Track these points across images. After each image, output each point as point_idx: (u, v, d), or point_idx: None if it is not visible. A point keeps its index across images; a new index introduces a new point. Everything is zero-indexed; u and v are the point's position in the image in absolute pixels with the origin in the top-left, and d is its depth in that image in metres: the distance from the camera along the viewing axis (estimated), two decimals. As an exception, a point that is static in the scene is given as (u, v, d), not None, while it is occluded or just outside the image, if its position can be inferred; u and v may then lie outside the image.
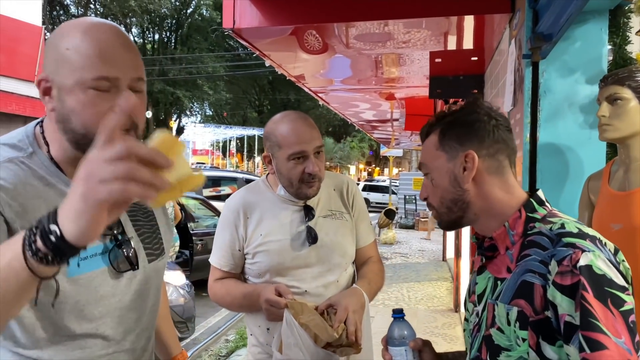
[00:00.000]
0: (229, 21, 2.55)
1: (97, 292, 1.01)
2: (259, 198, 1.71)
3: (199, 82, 26.38)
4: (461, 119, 1.06)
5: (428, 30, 3.03)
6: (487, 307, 1.02)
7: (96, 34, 0.94)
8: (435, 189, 1.08)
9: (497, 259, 1.04)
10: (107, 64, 0.93)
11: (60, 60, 0.94)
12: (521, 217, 1.02)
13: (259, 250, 1.65)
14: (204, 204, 7.63)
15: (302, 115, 1.67)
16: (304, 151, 1.59)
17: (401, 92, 5.26)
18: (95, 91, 0.93)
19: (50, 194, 0.97)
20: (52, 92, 0.96)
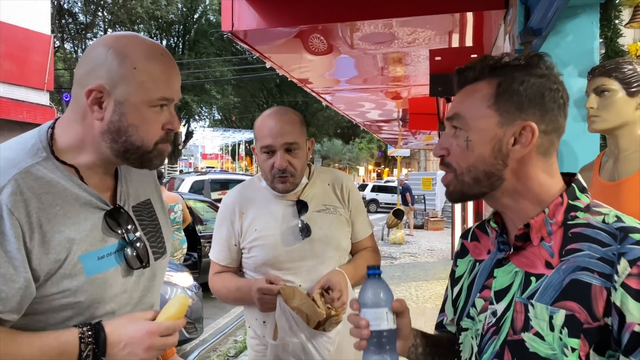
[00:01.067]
0: (228, 24, 2.60)
1: (112, 289, 1.06)
2: (254, 194, 1.75)
3: (207, 86, 26.55)
4: (529, 80, 0.87)
5: (430, 30, 3.06)
6: (514, 307, 0.87)
7: (159, 56, 1.06)
8: (467, 153, 0.89)
9: (528, 250, 0.89)
10: (169, 86, 1.07)
11: (126, 77, 1.02)
12: (562, 204, 0.88)
13: (254, 245, 1.69)
14: (212, 207, 7.69)
15: (283, 110, 1.69)
16: (270, 145, 1.62)
17: (406, 91, 5.29)
18: (155, 109, 1.05)
19: (66, 199, 1.02)
20: (104, 104, 1.02)
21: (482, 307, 0.94)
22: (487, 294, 0.94)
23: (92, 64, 1.03)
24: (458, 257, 1.10)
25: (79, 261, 1.01)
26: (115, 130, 1.03)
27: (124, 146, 1.05)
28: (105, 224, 1.07)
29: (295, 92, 29.33)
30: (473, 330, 0.96)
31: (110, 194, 1.13)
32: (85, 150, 1.06)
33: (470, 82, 0.91)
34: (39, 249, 0.97)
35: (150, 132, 1.06)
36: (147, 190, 1.24)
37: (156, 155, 1.08)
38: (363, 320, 0.94)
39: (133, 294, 1.12)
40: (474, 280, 1.00)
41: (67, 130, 1.07)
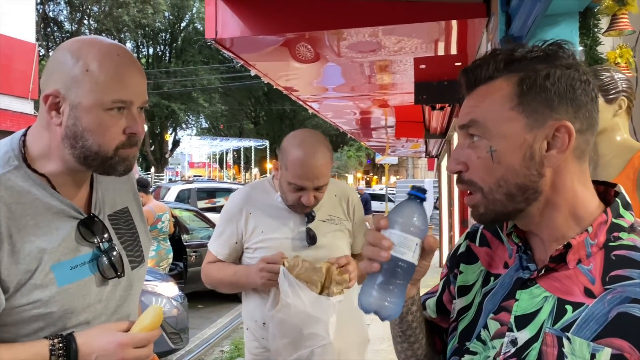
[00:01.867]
0: (212, 31, 2.59)
1: (85, 299, 1.04)
2: (263, 197, 1.80)
3: (194, 94, 26.49)
4: (555, 72, 0.74)
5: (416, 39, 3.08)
6: (543, 339, 0.74)
7: (114, 57, 1.02)
8: (493, 165, 0.76)
9: (561, 273, 0.76)
10: (125, 88, 1.02)
11: (78, 80, 0.99)
12: (607, 223, 0.76)
13: (259, 246, 1.73)
14: (198, 216, 7.63)
15: (319, 148, 1.67)
16: (304, 186, 1.65)
17: (394, 99, 5.32)
18: (111, 112, 1.01)
19: (37, 209, 1.00)
20: (61, 108, 1.00)
21: (497, 332, 0.81)
22: (504, 317, 0.80)
23: (50, 69, 1.03)
24: (463, 261, 0.94)
25: (51, 271, 0.99)
26: (72, 135, 1.01)
27: (83, 152, 1.02)
28: (79, 233, 1.05)
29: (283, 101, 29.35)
30: (482, 356, 0.82)
31: (85, 202, 1.11)
32: (52, 158, 1.04)
33: (483, 82, 0.78)
34: (9, 259, 0.95)
35: (107, 137, 1.02)
36: (124, 199, 1.22)
37: (118, 162, 1.05)
38: (387, 241, 0.77)
39: (109, 304, 1.10)
40: (487, 296, 0.86)
41: (37, 138, 1.05)
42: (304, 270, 1.62)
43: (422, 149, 10.14)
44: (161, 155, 28.02)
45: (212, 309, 7.10)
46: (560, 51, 0.76)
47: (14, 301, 0.96)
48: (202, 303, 7.14)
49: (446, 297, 1.00)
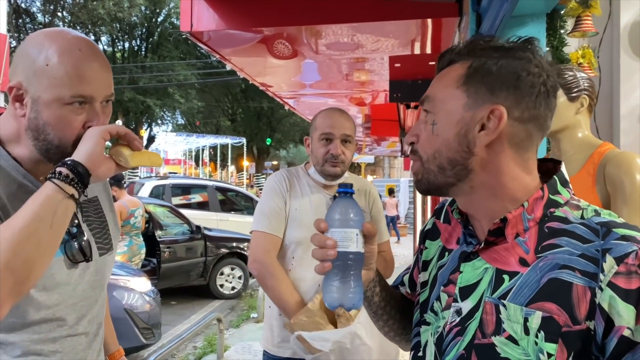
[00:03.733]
0: (187, 24, 2.58)
1: (54, 279, 1.06)
2: (297, 179, 1.98)
3: (170, 90, 26.17)
4: (505, 61, 0.79)
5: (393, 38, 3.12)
6: (483, 307, 0.79)
7: (75, 52, 1.01)
8: (432, 137, 0.82)
9: (500, 246, 0.81)
10: (85, 83, 1.01)
11: (38, 74, 0.99)
12: (543, 199, 0.80)
13: (290, 222, 1.89)
14: (173, 212, 7.57)
15: (342, 110, 1.99)
16: (331, 133, 1.88)
17: (370, 97, 5.37)
18: (71, 107, 1.01)
19: (9, 187, 1.02)
20: (24, 100, 1.01)
21: (446, 304, 0.86)
22: (451, 289, 0.86)
23: (16, 60, 1.04)
24: (427, 237, 1.01)
25: None
26: (34, 128, 1.02)
27: (44, 145, 1.03)
28: None
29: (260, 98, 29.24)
30: (434, 327, 0.88)
31: None
32: (20, 145, 1.06)
33: (446, 65, 0.85)
34: None
35: (66, 131, 1.02)
36: (94, 189, 1.24)
37: None
38: (330, 240, 0.85)
39: (77, 287, 1.12)
40: (440, 270, 0.92)
41: (6, 125, 1.07)
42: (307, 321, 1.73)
43: (398, 147, 10.24)
44: (136, 151, 27.58)
45: (186, 305, 7.06)
46: (527, 45, 0.81)
47: None
48: (175, 299, 7.10)
49: (415, 272, 1.06)
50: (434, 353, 0.87)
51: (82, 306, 1.13)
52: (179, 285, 7.13)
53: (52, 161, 1.05)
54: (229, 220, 10.12)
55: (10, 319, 1.02)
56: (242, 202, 11.42)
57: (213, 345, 5.05)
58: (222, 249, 7.61)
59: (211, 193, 10.63)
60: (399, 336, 1.07)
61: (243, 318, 6.39)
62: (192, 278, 7.23)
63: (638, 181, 1.48)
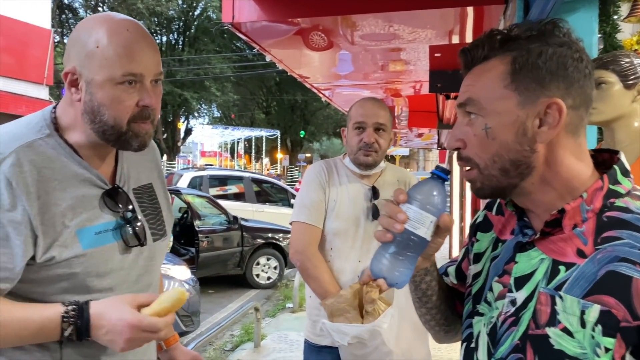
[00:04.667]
0: (228, 15, 2.61)
1: (107, 265, 1.08)
2: (335, 169, 1.99)
3: (207, 83, 26.52)
4: (547, 50, 0.76)
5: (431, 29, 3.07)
6: (537, 298, 0.78)
7: (123, 32, 1.04)
8: (488, 141, 0.79)
9: (557, 236, 0.79)
10: (134, 61, 1.04)
11: (90, 56, 1.03)
12: (602, 189, 0.77)
13: (328, 213, 1.91)
14: (211, 202, 7.70)
15: (377, 99, 2.02)
16: (363, 122, 1.90)
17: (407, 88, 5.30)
18: (123, 86, 1.04)
19: (65, 174, 1.05)
20: (79, 85, 1.05)
21: (500, 294, 0.85)
22: (506, 279, 0.84)
23: (69, 47, 1.07)
24: (479, 229, 0.99)
25: (76, 235, 1.04)
26: (90, 110, 1.05)
27: (101, 126, 1.05)
28: (103, 202, 1.10)
29: (294, 91, 29.30)
30: (487, 317, 0.87)
31: (111, 175, 1.16)
32: (77, 131, 1.09)
33: (479, 62, 0.81)
34: (39, 219, 0.99)
35: (120, 110, 1.05)
36: (149, 175, 1.27)
37: (132, 137, 1.07)
38: (403, 215, 0.82)
39: (130, 272, 1.14)
40: (494, 261, 0.90)
41: (64, 112, 1.11)
42: (337, 308, 1.76)
43: (434, 140, 10.10)
44: (173, 143, 28.15)
45: (223, 294, 7.19)
46: (556, 29, 0.79)
47: (42, 258, 1.00)
48: (212, 288, 7.23)
49: (465, 264, 1.05)
50: (486, 344, 0.86)
51: (135, 291, 1.15)
52: (216, 275, 7.26)
53: (110, 142, 1.08)
54: (264, 212, 10.24)
55: (57, 296, 1.04)
56: (276, 194, 11.52)
57: (250, 334, 5.13)
58: (258, 240, 7.70)
59: (247, 184, 10.76)
60: (439, 326, 1.06)
61: (279, 308, 6.46)
62: (229, 267, 7.35)
63: (699, 172, 1.42)
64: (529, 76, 0.77)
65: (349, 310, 1.75)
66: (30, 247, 0.99)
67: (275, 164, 34.20)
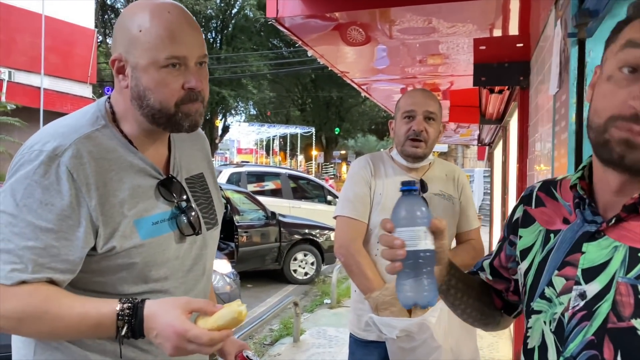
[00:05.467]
0: (272, 10, 2.62)
1: (164, 254, 1.09)
2: (382, 163, 1.97)
3: (244, 81, 26.83)
4: None
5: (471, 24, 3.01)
6: (616, 289, 0.74)
7: (165, 14, 1.04)
8: None
9: (630, 223, 0.76)
10: (177, 43, 1.03)
11: (133, 41, 1.03)
12: None
13: (374, 207, 1.89)
14: (249, 198, 7.78)
15: (426, 90, 2.00)
16: (413, 110, 1.86)
17: (447, 83, 5.22)
18: (167, 69, 1.03)
19: (121, 165, 1.06)
20: (125, 71, 1.06)
21: (564, 288, 0.80)
22: (570, 271, 0.80)
23: (115, 35, 1.08)
24: (521, 226, 0.95)
25: (134, 225, 1.05)
26: (136, 96, 1.06)
27: (149, 110, 1.06)
28: (158, 192, 1.11)
29: (330, 88, 29.32)
30: (548, 314, 0.82)
31: (164, 165, 1.17)
32: (128, 120, 1.10)
33: None
34: (99, 209, 1.01)
35: (166, 94, 1.04)
36: (200, 165, 1.28)
37: (182, 118, 1.07)
38: (398, 240, 0.83)
39: (185, 261, 1.15)
40: (549, 254, 0.86)
41: (116, 102, 1.12)
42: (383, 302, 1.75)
43: (474, 136, 9.91)
44: (211, 141, 28.60)
45: (262, 288, 7.26)
46: None
47: (103, 248, 1.02)
48: (251, 282, 7.32)
49: (497, 262, 1.03)
50: (553, 342, 0.81)
51: (189, 279, 1.16)
52: (255, 269, 7.33)
53: (160, 125, 1.08)
54: (300, 208, 10.28)
55: (116, 286, 1.05)
56: (313, 191, 11.55)
57: (289, 329, 5.16)
58: (296, 235, 7.74)
59: (284, 181, 10.83)
60: (477, 322, 1.06)
61: (317, 303, 6.48)
62: (267, 262, 7.42)
63: None
64: None
65: (395, 303, 1.74)
66: (91, 238, 1.00)
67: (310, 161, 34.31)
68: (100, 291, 1.05)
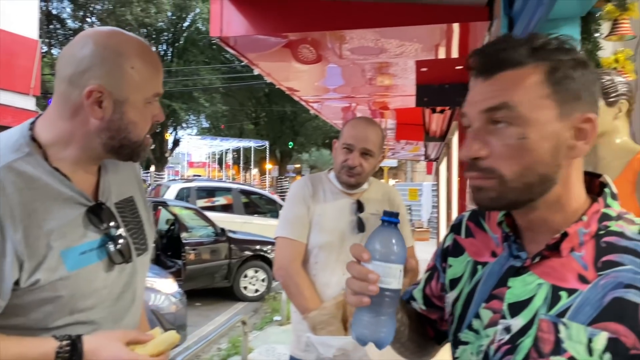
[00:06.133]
0: (216, 29, 2.61)
1: (92, 285, 1.06)
2: (321, 184, 2.00)
3: (195, 94, 26.47)
4: (580, 65, 0.74)
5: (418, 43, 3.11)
6: (538, 325, 0.75)
7: (150, 53, 1.11)
8: (524, 153, 0.74)
9: (553, 260, 0.77)
10: (159, 81, 1.13)
11: (124, 77, 1.05)
12: (598, 212, 0.77)
13: (313, 227, 1.91)
14: (198, 214, 7.65)
15: (371, 121, 2.01)
16: (352, 144, 1.89)
17: (394, 101, 5.35)
18: (150, 104, 1.11)
19: (47, 194, 1.02)
20: (103, 103, 1.04)
21: (490, 321, 0.81)
22: (497, 305, 0.81)
23: (85, 63, 1.03)
24: (450, 254, 0.96)
25: (60, 256, 1.01)
26: (115, 128, 1.06)
27: (121, 142, 1.08)
28: (87, 220, 1.07)
29: (284, 102, 29.34)
30: (475, 346, 0.83)
31: (93, 190, 1.14)
32: (71, 146, 1.07)
33: (510, 67, 0.74)
34: (23, 242, 0.97)
35: (144, 127, 1.11)
36: (129, 188, 1.25)
37: (143, 148, 1.13)
38: (374, 275, 0.78)
39: (113, 290, 1.12)
40: (477, 286, 0.87)
41: (52, 127, 1.07)
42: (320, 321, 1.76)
43: (422, 152, 10.16)
44: (161, 154, 27.97)
45: (211, 307, 7.12)
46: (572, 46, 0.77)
47: (27, 282, 0.98)
48: (199, 301, 7.16)
49: (429, 290, 1.02)
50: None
51: (118, 308, 1.13)
52: (204, 287, 7.20)
53: (120, 156, 1.12)
54: (252, 223, 10.19)
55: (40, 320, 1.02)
56: (265, 205, 11.48)
57: (237, 347, 5.08)
58: (246, 252, 7.67)
59: (235, 196, 10.72)
60: (413, 354, 1.04)
61: (267, 321, 6.41)
62: (216, 280, 7.30)
63: (680, 189, 1.44)
64: (567, 89, 0.74)
65: (332, 322, 1.76)
66: (16, 271, 0.97)
67: (264, 175, 34.12)
68: (22, 327, 1.01)
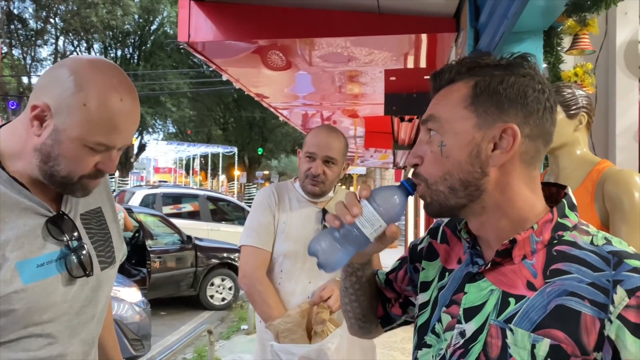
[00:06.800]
0: (184, 34, 2.58)
1: (49, 298, 1.02)
2: (286, 192, 1.99)
3: (162, 99, 26.07)
4: (509, 78, 0.79)
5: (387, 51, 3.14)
6: (488, 330, 0.78)
7: (117, 103, 1.00)
8: (443, 159, 0.80)
9: (506, 267, 0.80)
10: (113, 134, 1.01)
11: (73, 109, 0.98)
12: (552, 222, 0.79)
13: (278, 235, 1.91)
14: (163, 221, 7.51)
15: (333, 129, 1.99)
16: (314, 153, 1.89)
17: (363, 109, 5.39)
18: (90, 150, 1.01)
19: (4, 204, 0.99)
20: (45, 123, 0.99)
21: (449, 325, 0.84)
22: (455, 310, 0.84)
23: (51, 81, 1.00)
24: (425, 257, 0.99)
25: (16, 268, 0.97)
26: (45, 153, 1.00)
27: (50, 171, 1.02)
28: (47, 231, 1.03)
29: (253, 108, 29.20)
30: (435, 349, 0.86)
31: (56, 200, 1.10)
32: (23, 158, 1.03)
33: (446, 84, 0.84)
34: None
35: (78, 167, 1.02)
36: (97, 199, 1.20)
37: (79, 188, 1.05)
38: (357, 209, 0.84)
39: (73, 304, 1.08)
40: (441, 291, 0.90)
41: (13, 135, 1.04)
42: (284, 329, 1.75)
43: (390, 160, 10.27)
44: (126, 160, 27.38)
45: (176, 316, 6.99)
46: (525, 63, 0.81)
47: None
48: (165, 310, 7.02)
49: (393, 276, 1.08)
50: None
51: (77, 324, 1.09)
52: (169, 296, 7.06)
53: (54, 185, 1.04)
54: (219, 230, 10.07)
55: None
56: (233, 212, 11.37)
57: (203, 357, 4.99)
58: (213, 260, 7.56)
59: (202, 203, 10.57)
60: (355, 319, 1.10)
61: (233, 330, 6.33)
62: (182, 288, 7.17)
63: (637, 199, 1.49)
64: (489, 100, 0.78)
65: (296, 330, 1.75)
66: None
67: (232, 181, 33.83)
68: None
